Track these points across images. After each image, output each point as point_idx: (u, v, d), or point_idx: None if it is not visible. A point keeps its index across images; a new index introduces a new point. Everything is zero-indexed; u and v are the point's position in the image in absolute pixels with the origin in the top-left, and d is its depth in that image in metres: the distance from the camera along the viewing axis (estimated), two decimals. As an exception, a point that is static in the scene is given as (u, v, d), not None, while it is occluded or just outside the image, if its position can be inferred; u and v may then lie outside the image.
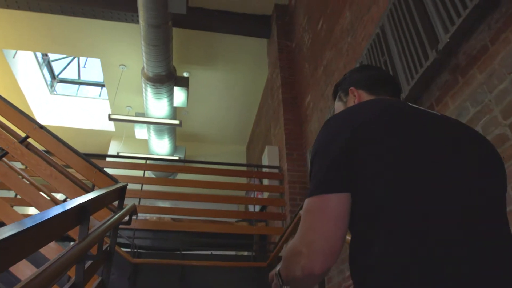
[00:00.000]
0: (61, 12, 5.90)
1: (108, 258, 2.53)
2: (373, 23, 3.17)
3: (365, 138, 0.78)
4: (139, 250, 4.19)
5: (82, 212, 1.81)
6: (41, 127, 2.95)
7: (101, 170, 2.85)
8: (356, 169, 0.76)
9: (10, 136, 2.89)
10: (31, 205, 2.77)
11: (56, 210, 1.45)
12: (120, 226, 3.33)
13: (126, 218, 2.81)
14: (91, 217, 2.46)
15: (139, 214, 4.54)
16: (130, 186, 5.02)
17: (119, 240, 4.34)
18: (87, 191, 2.89)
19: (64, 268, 1.40)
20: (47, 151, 3.03)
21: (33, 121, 2.99)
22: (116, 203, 2.81)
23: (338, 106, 1.18)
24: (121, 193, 2.76)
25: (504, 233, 0.73)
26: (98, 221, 2.79)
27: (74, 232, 2.40)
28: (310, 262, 0.72)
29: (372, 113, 0.85)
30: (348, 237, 0.82)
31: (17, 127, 2.92)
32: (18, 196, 3.79)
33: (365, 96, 1.09)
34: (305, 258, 0.73)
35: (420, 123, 0.84)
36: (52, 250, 2.45)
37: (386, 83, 1.12)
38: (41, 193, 3.00)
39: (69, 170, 3.09)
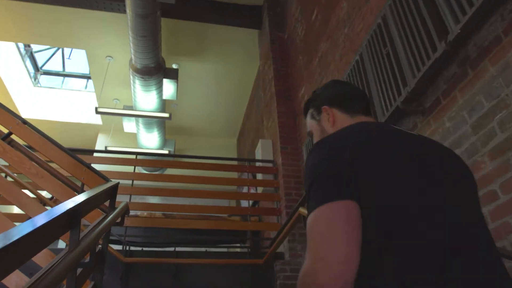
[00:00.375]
0: (43, 0, 5.65)
1: (100, 261, 2.41)
2: (373, 13, 3.07)
3: (364, 159, 0.78)
4: (131, 248, 4.07)
5: (73, 217, 1.68)
6: (25, 122, 2.79)
7: (90, 168, 2.71)
8: (357, 189, 0.74)
9: (-8, 133, 2.72)
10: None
11: (45, 218, 1.32)
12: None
13: (119, 218, 2.69)
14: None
15: (130, 211, 4.41)
16: (121, 182, 4.89)
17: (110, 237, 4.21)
18: (76, 190, 2.76)
19: (56, 282, 1.28)
20: (31, 148, 2.86)
21: (16, 116, 2.82)
22: (108, 202, 2.69)
23: (312, 124, 1.16)
24: (113, 192, 2.63)
25: (489, 237, 0.80)
26: (89, 223, 2.67)
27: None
28: (328, 276, 0.65)
29: (366, 135, 0.87)
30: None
31: None
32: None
33: (339, 115, 1.08)
34: (322, 273, 0.66)
35: (411, 146, 0.87)
36: (41, 254, 2.32)
37: (360, 100, 1.11)
38: (26, 191, 2.85)
39: (57, 168, 2.93)
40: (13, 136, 2.84)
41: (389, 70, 2.46)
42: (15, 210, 6.16)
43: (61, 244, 5.50)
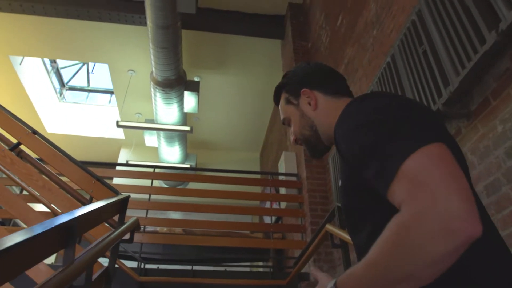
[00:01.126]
0: (66, 15, 5.66)
1: (106, 281, 2.20)
2: (404, 12, 2.81)
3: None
4: (146, 266, 3.86)
5: (67, 233, 1.48)
6: (35, 132, 2.65)
7: (100, 180, 2.53)
8: None
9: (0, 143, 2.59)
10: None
11: (25, 234, 1.12)
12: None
13: (128, 235, 2.49)
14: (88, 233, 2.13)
15: (147, 227, 4.22)
16: (137, 197, 4.73)
17: (125, 252, 4.02)
18: (84, 203, 2.58)
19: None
20: (41, 160, 2.72)
21: (26, 126, 2.69)
22: (117, 217, 2.49)
23: (288, 110, 1.06)
24: (122, 206, 2.43)
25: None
26: (94, 239, 2.47)
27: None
28: (466, 218, 0.51)
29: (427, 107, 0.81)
30: None
31: (8, 133, 2.62)
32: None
33: (321, 97, 1.00)
34: (458, 218, 0.51)
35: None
36: (41, 271, 2.13)
37: (341, 80, 1.05)
38: (38, 204, 2.70)
39: (67, 181, 2.78)
40: (22, 147, 2.72)
41: (427, 69, 2.19)
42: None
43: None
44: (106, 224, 2.52)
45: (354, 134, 0.71)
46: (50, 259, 6.14)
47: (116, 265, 3.53)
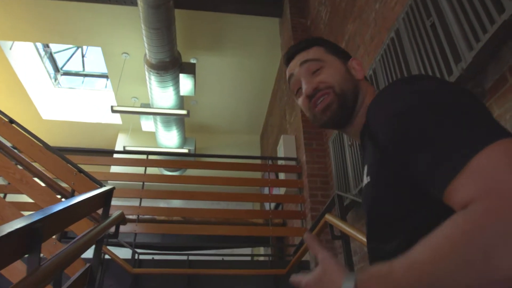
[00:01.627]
0: (54, -4, 5.41)
1: (89, 281, 2.05)
2: (410, -19, 2.57)
3: None
4: (140, 257, 3.72)
5: (31, 237, 1.31)
6: (12, 121, 2.47)
7: (82, 171, 2.36)
8: None
9: (-27, 134, 2.41)
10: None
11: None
12: (120, 229, 2.86)
13: (113, 229, 2.33)
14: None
15: (141, 216, 4.08)
16: (134, 184, 4.57)
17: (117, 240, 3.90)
18: (66, 197, 2.41)
19: None
20: (18, 150, 2.54)
21: (3, 114, 2.50)
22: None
23: (328, 58, 0.86)
24: (105, 199, 2.27)
25: None
26: (76, 234, 2.31)
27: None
28: None
29: None
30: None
31: (-18, 123, 2.43)
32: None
33: (366, 82, 0.88)
34: None
35: None
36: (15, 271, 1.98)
37: None
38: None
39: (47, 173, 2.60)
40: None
41: (435, 44, 1.97)
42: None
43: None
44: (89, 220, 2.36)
45: (402, 117, 0.59)
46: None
47: (108, 257, 3.41)
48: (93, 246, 2.11)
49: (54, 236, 2.37)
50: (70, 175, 2.36)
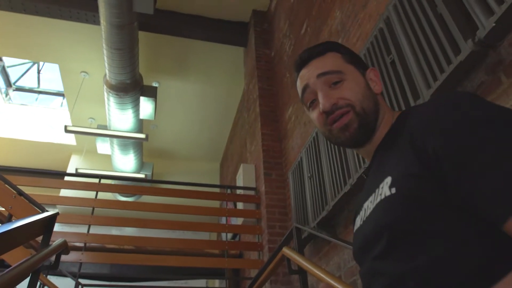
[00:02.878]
0: (10, 8, 5.18)
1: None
2: (371, 20, 2.66)
3: None
4: (84, 287, 3.46)
5: None
6: None
7: (22, 194, 2.16)
8: None
9: None
10: None
11: None
12: (63, 258, 2.65)
13: (53, 258, 2.13)
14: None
15: (89, 244, 3.82)
16: (81, 210, 4.30)
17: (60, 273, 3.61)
18: (2, 223, 2.20)
19: None
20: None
21: None
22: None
23: (348, 69, 0.80)
24: (47, 225, 2.08)
25: None
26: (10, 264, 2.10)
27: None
28: None
29: None
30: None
31: None
32: None
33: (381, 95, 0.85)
34: None
35: None
36: None
37: None
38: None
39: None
40: None
41: (395, 81, 2.01)
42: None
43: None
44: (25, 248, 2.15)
45: (467, 131, 0.55)
46: None
47: (47, 288, 3.13)
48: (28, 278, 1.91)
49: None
50: (9, 197, 2.15)
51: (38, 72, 9.11)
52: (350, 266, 2.47)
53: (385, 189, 0.65)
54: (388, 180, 0.65)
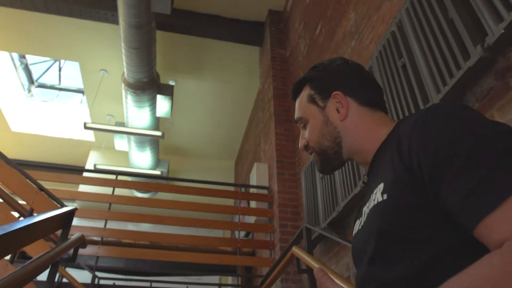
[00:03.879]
0: (33, 8, 5.34)
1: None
2: (384, 22, 2.67)
3: None
4: (100, 282, 3.57)
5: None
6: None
7: (43, 190, 2.26)
8: None
9: None
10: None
11: None
12: (81, 251, 2.76)
13: (71, 251, 2.22)
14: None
15: (105, 239, 3.93)
16: (98, 206, 4.43)
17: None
18: (23, 216, 2.30)
19: None
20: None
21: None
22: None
23: (309, 110, 0.88)
24: (66, 220, 2.17)
25: None
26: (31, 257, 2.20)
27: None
28: None
29: None
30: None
31: None
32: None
33: (354, 107, 0.84)
34: None
35: None
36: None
37: (379, 90, 0.88)
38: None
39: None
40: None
41: (405, 83, 2.03)
42: None
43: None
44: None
45: (451, 137, 0.58)
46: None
47: (66, 280, 3.24)
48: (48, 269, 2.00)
49: (7, 257, 2.24)
50: (30, 192, 2.25)
51: (59, 69, 9.32)
52: (355, 275, 2.49)
53: (378, 195, 0.69)
54: (381, 186, 0.69)
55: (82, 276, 4.08)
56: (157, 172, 7.42)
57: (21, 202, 2.63)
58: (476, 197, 0.51)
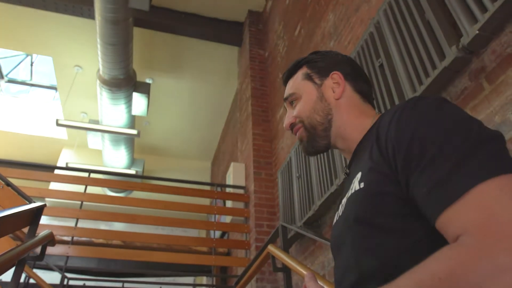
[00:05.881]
0: (6, 0, 5.15)
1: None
2: (362, 24, 2.70)
3: None
4: (69, 283, 3.46)
5: None
6: None
7: (9, 185, 2.17)
8: None
9: None
10: None
11: None
12: (50, 251, 2.66)
13: (38, 250, 2.14)
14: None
15: (76, 238, 3.81)
16: (70, 204, 4.30)
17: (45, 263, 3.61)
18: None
19: None
20: None
21: None
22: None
23: (304, 86, 0.88)
24: (34, 217, 2.09)
25: None
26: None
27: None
28: None
29: None
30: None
31: None
32: None
33: (350, 91, 0.86)
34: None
35: None
36: None
37: (370, 86, 0.92)
38: None
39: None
40: None
41: (383, 84, 2.06)
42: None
43: None
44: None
45: (424, 129, 0.58)
46: None
47: (33, 281, 3.13)
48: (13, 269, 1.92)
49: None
50: (-4, 188, 2.16)
51: (31, 64, 9.04)
52: (334, 266, 2.50)
53: (355, 184, 0.69)
54: (359, 175, 0.69)
55: (51, 277, 3.94)
56: (132, 171, 7.29)
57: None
58: (439, 189, 0.52)
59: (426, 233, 0.56)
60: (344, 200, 0.76)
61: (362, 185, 0.67)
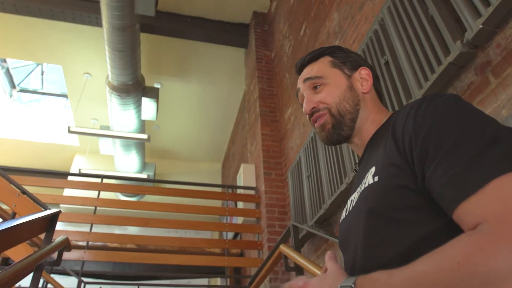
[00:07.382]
0: (14, 11, 5.26)
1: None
2: (367, 22, 2.70)
3: None
4: (87, 285, 3.51)
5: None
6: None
7: (25, 193, 2.22)
8: None
9: None
10: None
11: None
12: (66, 256, 2.71)
13: (55, 255, 2.19)
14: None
15: (91, 243, 3.88)
16: (84, 210, 4.36)
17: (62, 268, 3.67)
18: (6, 220, 2.26)
19: None
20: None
21: None
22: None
23: (332, 73, 0.87)
24: (49, 223, 2.13)
25: None
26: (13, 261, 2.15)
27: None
28: None
29: None
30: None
31: None
32: None
33: (373, 92, 0.89)
34: None
35: None
36: None
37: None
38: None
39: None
40: None
41: (388, 81, 2.06)
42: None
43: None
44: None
45: (441, 123, 0.60)
46: None
47: (51, 286, 3.19)
48: (31, 274, 1.96)
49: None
50: (12, 196, 2.21)
51: (42, 73, 9.18)
52: (343, 261, 2.51)
53: (369, 178, 0.70)
54: (372, 169, 0.70)
55: (67, 282, 4.01)
56: (143, 175, 7.36)
57: (4, 207, 2.58)
58: (458, 181, 0.53)
59: (442, 224, 0.57)
60: (354, 195, 0.77)
61: (376, 178, 0.68)
